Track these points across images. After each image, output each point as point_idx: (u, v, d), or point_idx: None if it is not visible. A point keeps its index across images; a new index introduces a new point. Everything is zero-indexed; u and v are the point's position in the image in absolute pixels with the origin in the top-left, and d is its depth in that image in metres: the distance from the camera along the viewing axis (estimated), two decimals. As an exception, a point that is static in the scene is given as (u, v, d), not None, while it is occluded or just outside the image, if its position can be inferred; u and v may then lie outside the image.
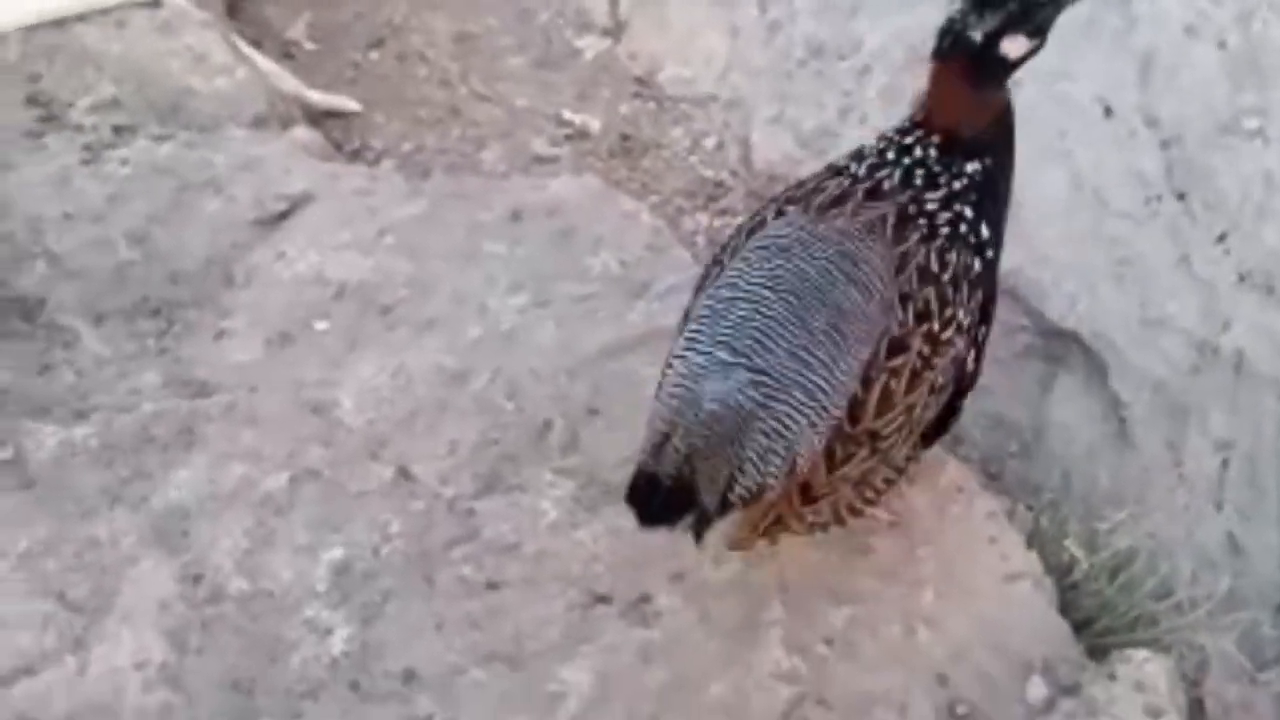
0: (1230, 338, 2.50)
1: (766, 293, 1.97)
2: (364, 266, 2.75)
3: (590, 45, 3.67)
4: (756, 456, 1.90)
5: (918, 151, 2.05)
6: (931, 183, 2.04)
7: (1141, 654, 2.20)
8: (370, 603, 2.27)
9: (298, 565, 2.30)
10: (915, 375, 1.98)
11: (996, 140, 2.06)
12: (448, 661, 2.21)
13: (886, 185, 2.04)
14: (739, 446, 1.90)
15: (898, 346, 1.96)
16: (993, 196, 2.07)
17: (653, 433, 1.94)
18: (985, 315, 2.10)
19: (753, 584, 2.27)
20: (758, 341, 1.93)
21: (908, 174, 2.04)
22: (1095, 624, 2.33)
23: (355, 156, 3.38)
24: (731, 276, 2.02)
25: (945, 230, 2.02)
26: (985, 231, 2.05)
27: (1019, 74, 1.98)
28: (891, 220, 2.01)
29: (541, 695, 2.17)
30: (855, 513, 2.16)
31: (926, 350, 1.98)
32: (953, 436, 2.72)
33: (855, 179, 2.06)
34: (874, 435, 1.99)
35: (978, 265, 2.04)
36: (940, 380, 2.02)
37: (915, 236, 2.01)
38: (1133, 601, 2.35)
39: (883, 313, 1.96)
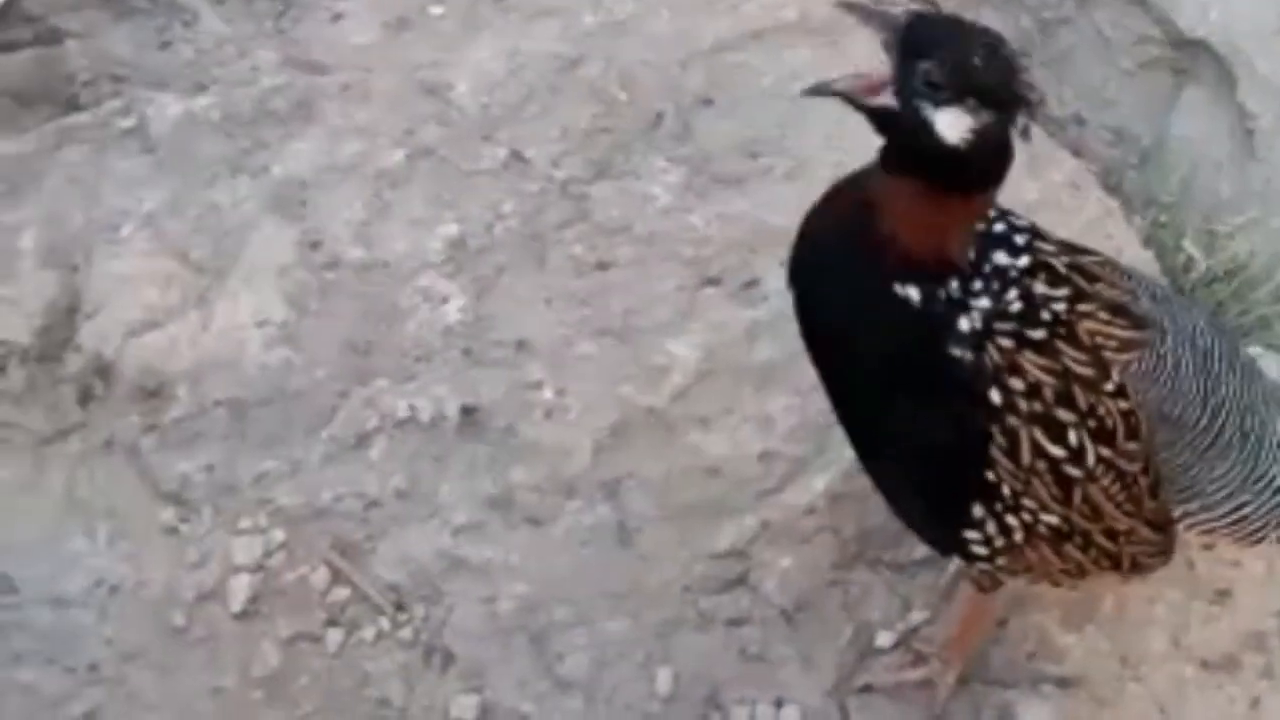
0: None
1: None
2: (477, -46, 2.71)
3: None
4: None
5: None
6: None
7: (1255, 350, 2.18)
8: (483, 276, 2.30)
9: (413, 237, 2.33)
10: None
11: None
12: (558, 334, 2.25)
13: None
14: None
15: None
16: None
17: None
18: None
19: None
20: None
21: None
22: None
23: None
24: None
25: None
26: None
27: None
28: None
29: (648, 367, 2.21)
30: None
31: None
32: (1071, 146, 2.67)
33: None
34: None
35: None
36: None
37: None
38: (1248, 304, 2.32)
39: None
